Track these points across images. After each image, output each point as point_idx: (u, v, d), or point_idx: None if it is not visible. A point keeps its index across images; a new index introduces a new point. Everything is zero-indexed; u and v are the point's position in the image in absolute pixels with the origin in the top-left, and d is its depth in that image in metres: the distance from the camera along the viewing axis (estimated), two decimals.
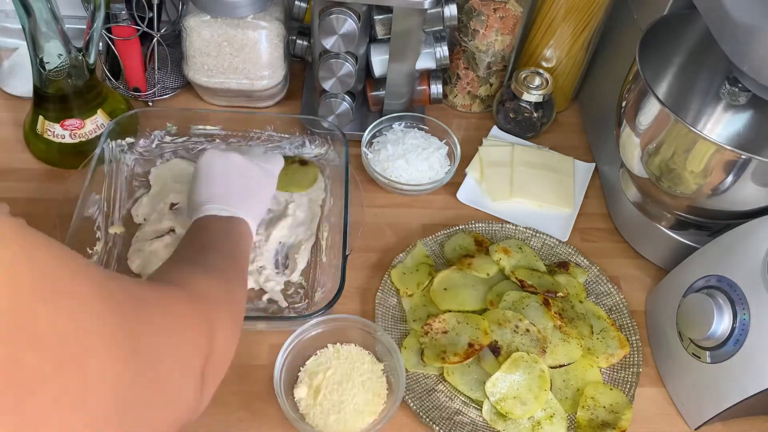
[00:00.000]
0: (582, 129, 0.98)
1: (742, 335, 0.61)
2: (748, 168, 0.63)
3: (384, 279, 0.76)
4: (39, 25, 0.71)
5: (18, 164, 0.83)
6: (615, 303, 0.76)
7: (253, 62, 0.85)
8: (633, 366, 0.71)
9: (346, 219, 0.73)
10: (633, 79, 0.71)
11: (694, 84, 0.75)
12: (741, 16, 0.57)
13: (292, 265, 0.76)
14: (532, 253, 0.78)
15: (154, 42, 0.88)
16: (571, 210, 0.86)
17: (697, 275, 0.68)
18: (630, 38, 0.81)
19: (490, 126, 0.95)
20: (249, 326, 0.72)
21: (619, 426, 0.66)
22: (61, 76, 0.77)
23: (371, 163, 0.85)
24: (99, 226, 0.75)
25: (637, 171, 0.74)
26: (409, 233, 0.82)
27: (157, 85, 0.92)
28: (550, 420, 0.66)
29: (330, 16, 0.75)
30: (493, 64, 0.92)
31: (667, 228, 0.78)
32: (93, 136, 0.82)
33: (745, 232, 0.66)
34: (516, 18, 0.86)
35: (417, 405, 0.66)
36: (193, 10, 0.82)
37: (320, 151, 0.86)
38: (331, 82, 0.82)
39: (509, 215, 0.84)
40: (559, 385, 0.69)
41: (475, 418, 0.66)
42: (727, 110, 0.73)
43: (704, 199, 0.69)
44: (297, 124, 0.86)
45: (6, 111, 0.89)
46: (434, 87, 0.90)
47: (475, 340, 0.68)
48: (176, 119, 0.84)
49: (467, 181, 0.87)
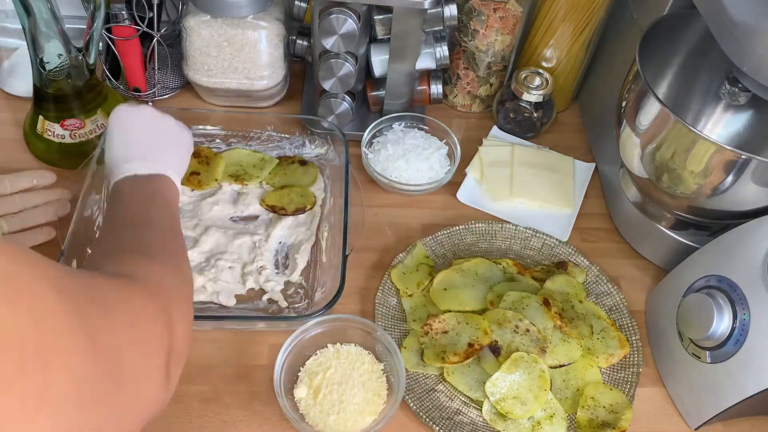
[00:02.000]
0: (582, 129, 0.98)
1: (742, 335, 0.61)
2: (748, 168, 0.63)
3: (384, 279, 0.76)
4: (39, 25, 0.71)
5: (18, 164, 0.83)
6: (615, 303, 0.76)
7: (253, 62, 0.85)
8: (633, 366, 0.71)
9: (346, 219, 0.73)
10: (633, 79, 0.71)
11: (694, 84, 0.75)
12: (741, 16, 0.57)
13: (292, 265, 0.76)
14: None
15: (154, 42, 0.88)
16: (571, 210, 0.86)
17: (697, 275, 0.68)
18: (630, 38, 0.81)
19: (490, 126, 0.95)
20: (249, 326, 0.72)
21: (619, 426, 0.66)
22: (61, 76, 0.77)
23: (371, 163, 0.85)
24: (99, 226, 0.75)
25: (637, 171, 0.74)
26: (409, 233, 0.82)
27: (157, 85, 0.92)
28: (550, 420, 0.66)
29: (330, 16, 0.75)
30: (493, 64, 0.92)
31: (667, 228, 0.78)
32: (93, 136, 0.82)
33: (745, 232, 0.66)
34: (516, 18, 0.86)
35: (417, 405, 0.66)
36: (193, 10, 0.82)
37: (320, 151, 0.86)
38: (331, 82, 0.82)
39: (509, 215, 0.84)
40: (559, 385, 0.69)
41: (475, 418, 0.66)
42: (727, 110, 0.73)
43: (704, 199, 0.69)
44: (297, 124, 0.86)
45: (6, 111, 0.89)
46: (434, 87, 0.90)
47: (475, 340, 0.68)
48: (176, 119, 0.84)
49: (467, 181, 0.87)
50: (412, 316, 0.73)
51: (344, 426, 0.63)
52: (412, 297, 0.74)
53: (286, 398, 0.64)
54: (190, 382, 0.67)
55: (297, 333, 0.66)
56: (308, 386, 0.65)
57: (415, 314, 0.73)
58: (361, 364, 0.67)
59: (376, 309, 0.73)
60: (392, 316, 0.73)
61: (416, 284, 0.74)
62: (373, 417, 0.64)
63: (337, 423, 0.63)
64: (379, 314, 0.73)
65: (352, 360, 0.67)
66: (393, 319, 0.73)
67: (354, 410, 0.63)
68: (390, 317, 0.73)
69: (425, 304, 0.73)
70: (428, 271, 0.76)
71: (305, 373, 0.67)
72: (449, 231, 0.81)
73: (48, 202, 0.71)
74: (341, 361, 0.67)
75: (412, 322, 0.72)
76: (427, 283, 0.75)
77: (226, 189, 0.83)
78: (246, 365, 0.69)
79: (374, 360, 0.68)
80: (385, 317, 0.73)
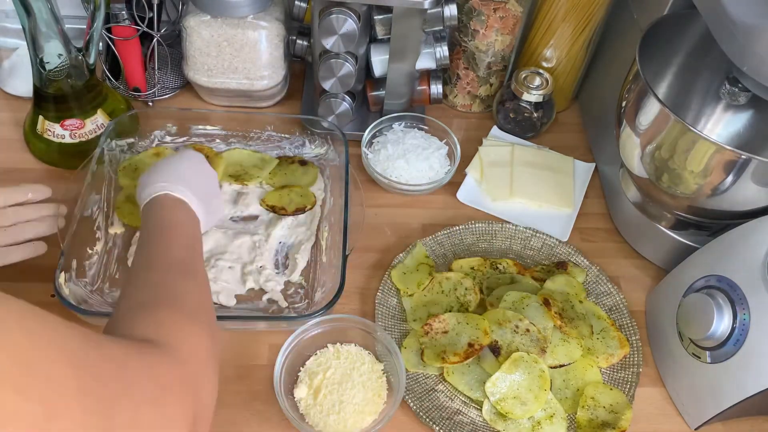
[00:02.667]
0: (582, 129, 0.98)
1: (742, 335, 0.61)
2: (748, 168, 0.63)
3: (384, 279, 0.76)
4: (39, 25, 0.71)
5: (18, 164, 0.83)
6: (615, 303, 0.76)
7: (253, 62, 0.85)
8: (633, 366, 0.71)
9: (346, 219, 0.73)
10: (633, 79, 0.71)
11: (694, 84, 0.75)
12: (741, 16, 0.57)
13: (292, 265, 0.76)
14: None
15: (154, 42, 0.88)
16: (571, 210, 0.86)
17: (697, 275, 0.68)
18: (630, 38, 0.81)
19: (490, 126, 0.95)
20: (249, 326, 0.72)
21: (619, 426, 0.66)
22: (61, 76, 0.77)
23: (371, 163, 0.85)
24: (99, 226, 0.75)
25: (637, 171, 0.74)
26: (409, 233, 0.82)
27: (157, 85, 0.92)
28: (550, 420, 0.66)
29: (330, 16, 0.75)
30: (493, 64, 0.92)
31: (667, 228, 0.78)
32: (93, 136, 0.82)
33: (745, 232, 0.66)
34: (516, 18, 0.86)
35: (417, 405, 0.66)
36: (193, 10, 0.82)
37: (320, 151, 0.86)
38: (331, 82, 0.82)
39: (509, 215, 0.84)
40: (559, 385, 0.69)
41: (475, 418, 0.66)
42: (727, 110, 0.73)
43: (704, 199, 0.69)
44: (297, 124, 0.86)
45: (6, 111, 0.89)
46: (434, 87, 0.90)
47: (475, 340, 0.68)
48: (176, 119, 0.84)
49: (467, 181, 0.87)
50: (412, 316, 0.73)
51: (344, 426, 0.63)
52: (412, 297, 0.74)
53: (286, 398, 0.64)
54: None
55: (297, 333, 0.66)
56: (308, 386, 0.65)
57: (415, 314, 0.73)
58: (361, 364, 0.67)
59: (376, 309, 0.73)
60: (392, 316, 0.73)
61: (416, 284, 0.74)
62: (373, 417, 0.64)
63: (337, 423, 0.63)
64: (379, 314, 0.73)
65: (352, 360, 0.67)
66: (393, 319, 0.73)
67: (354, 410, 0.63)
68: (390, 317, 0.73)
69: (425, 304, 0.73)
70: (428, 271, 0.76)
71: (305, 373, 0.67)
72: (449, 231, 0.81)
73: (42, 217, 0.70)
74: (341, 361, 0.67)
75: (413, 322, 0.72)
76: (427, 282, 0.75)
77: (226, 189, 0.83)
78: (246, 365, 0.69)
79: (374, 360, 0.68)
80: (385, 317, 0.73)
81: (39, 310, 0.33)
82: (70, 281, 0.67)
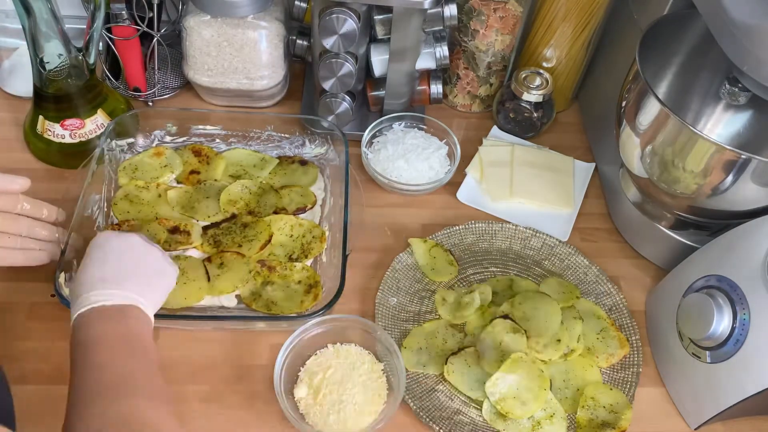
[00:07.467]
0: (582, 129, 0.98)
1: (742, 335, 0.61)
2: (748, 168, 0.63)
3: (384, 279, 0.76)
4: (39, 25, 0.71)
5: (18, 164, 0.83)
6: (615, 303, 0.76)
7: (253, 62, 0.85)
8: (633, 366, 0.71)
9: (345, 219, 0.73)
10: (633, 79, 0.71)
11: (694, 84, 0.75)
12: (741, 16, 0.57)
13: None
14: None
15: (154, 42, 0.88)
16: (571, 210, 0.86)
17: (697, 275, 0.68)
18: (630, 38, 0.81)
19: (490, 126, 0.95)
20: (249, 326, 0.72)
21: (619, 426, 0.66)
22: (61, 76, 0.77)
23: (371, 163, 0.85)
24: (99, 226, 0.75)
25: (637, 171, 0.74)
26: (410, 233, 0.82)
27: (157, 85, 0.92)
28: (550, 420, 0.66)
29: (330, 16, 0.75)
30: (493, 64, 0.92)
31: (667, 228, 0.78)
32: (93, 136, 0.82)
33: (745, 232, 0.66)
34: (516, 18, 0.86)
35: (417, 405, 0.66)
36: (193, 10, 0.82)
37: (320, 150, 0.86)
38: (331, 82, 0.82)
39: (509, 215, 0.84)
40: (559, 384, 0.69)
41: (475, 418, 0.67)
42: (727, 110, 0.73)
43: (704, 199, 0.69)
44: (297, 123, 0.86)
45: (6, 111, 0.89)
46: (434, 87, 0.90)
47: None
48: (176, 119, 0.84)
49: (467, 181, 0.87)
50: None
51: (344, 426, 0.63)
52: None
53: (286, 398, 0.64)
54: (190, 382, 0.67)
55: (297, 333, 0.66)
56: (308, 386, 0.65)
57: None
58: (361, 364, 0.67)
59: (376, 309, 0.73)
60: (392, 316, 0.73)
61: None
62: (373, 417, 0.64)
63: (337, 423, 0.63)
64: (379, 314, 0.73)
65: (352, 360, 0.67)
66: (393, 319, 0.73)
67: (354, 410, 0.63)
68: (390, 317, 0.73)
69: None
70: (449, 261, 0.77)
71: (305, 373, 0.67)
72: (449, 231, 0.81)
73: (48, 241, 0.68)
74: (341, 361, 0.67)
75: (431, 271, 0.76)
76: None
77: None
78: (246, 365, 0.69)
79: (374, 360, 0.68)
80: (385, 317, 0.73)
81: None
82: (70, 281, 0.67)
